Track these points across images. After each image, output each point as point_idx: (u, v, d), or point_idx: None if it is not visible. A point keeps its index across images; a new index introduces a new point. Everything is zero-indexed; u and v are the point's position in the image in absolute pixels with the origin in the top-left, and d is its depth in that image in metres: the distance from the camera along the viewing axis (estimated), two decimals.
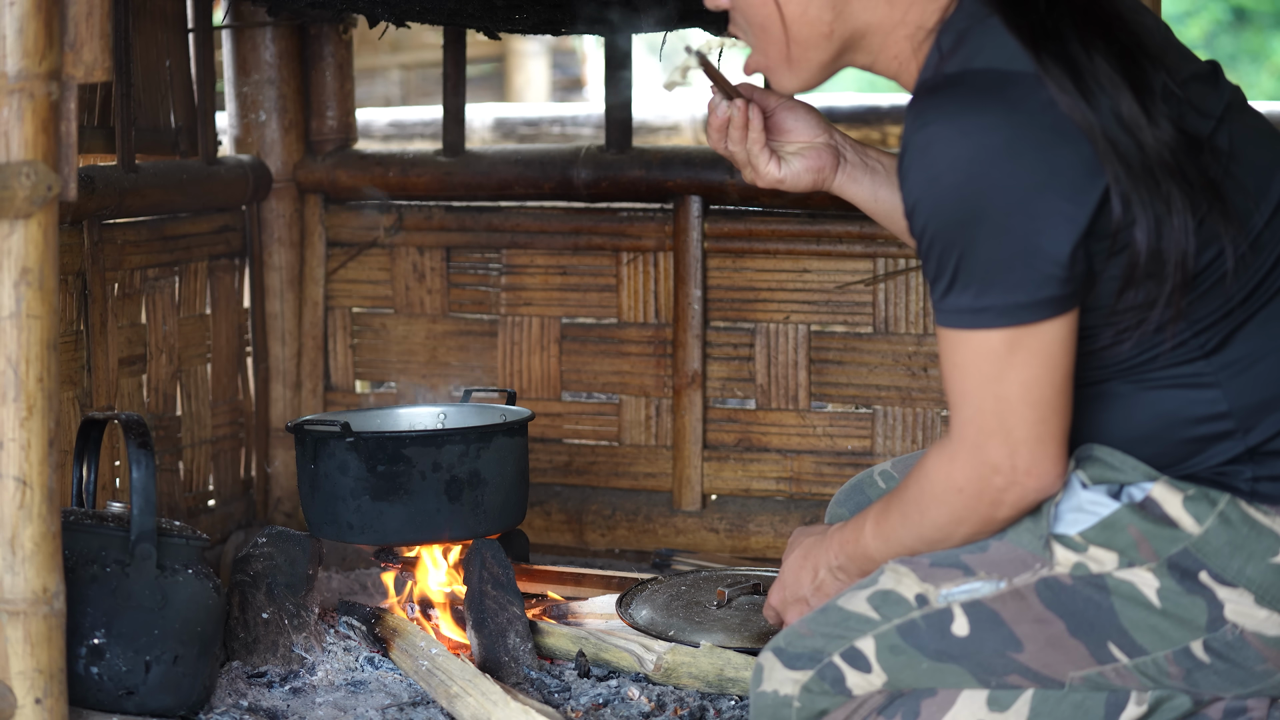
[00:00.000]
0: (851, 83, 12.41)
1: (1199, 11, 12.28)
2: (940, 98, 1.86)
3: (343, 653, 2.68)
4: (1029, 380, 1.87)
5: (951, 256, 1.85)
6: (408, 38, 7.56)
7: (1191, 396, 1.92)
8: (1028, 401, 1.87)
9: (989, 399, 1.88)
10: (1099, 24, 1.88)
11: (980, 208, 1.82)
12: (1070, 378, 1.89)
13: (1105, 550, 1.91)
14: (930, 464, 1.97)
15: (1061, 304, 1.85)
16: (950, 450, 1.93)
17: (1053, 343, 1.86)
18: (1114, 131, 1.83)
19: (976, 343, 1.87)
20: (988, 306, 1.85)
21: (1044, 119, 1.82)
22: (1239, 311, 1.91)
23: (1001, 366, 1.86)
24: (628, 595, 2.80)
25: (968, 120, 1.83)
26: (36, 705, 2.04)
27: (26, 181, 1.97)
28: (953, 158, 1.82)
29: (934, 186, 1.84)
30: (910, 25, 1.98)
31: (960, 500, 1.94)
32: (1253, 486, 1.91)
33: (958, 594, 1.95)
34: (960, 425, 1.92)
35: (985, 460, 1.90)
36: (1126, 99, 1.84)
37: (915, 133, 1.85)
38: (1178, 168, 1.84)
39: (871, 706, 1.97)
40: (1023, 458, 1.89)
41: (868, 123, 5.14)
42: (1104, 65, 1.85)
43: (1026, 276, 1.83)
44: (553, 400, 3.44)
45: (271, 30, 3.46)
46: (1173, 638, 1.91)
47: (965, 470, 1.92)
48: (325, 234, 3.52)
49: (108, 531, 2.40)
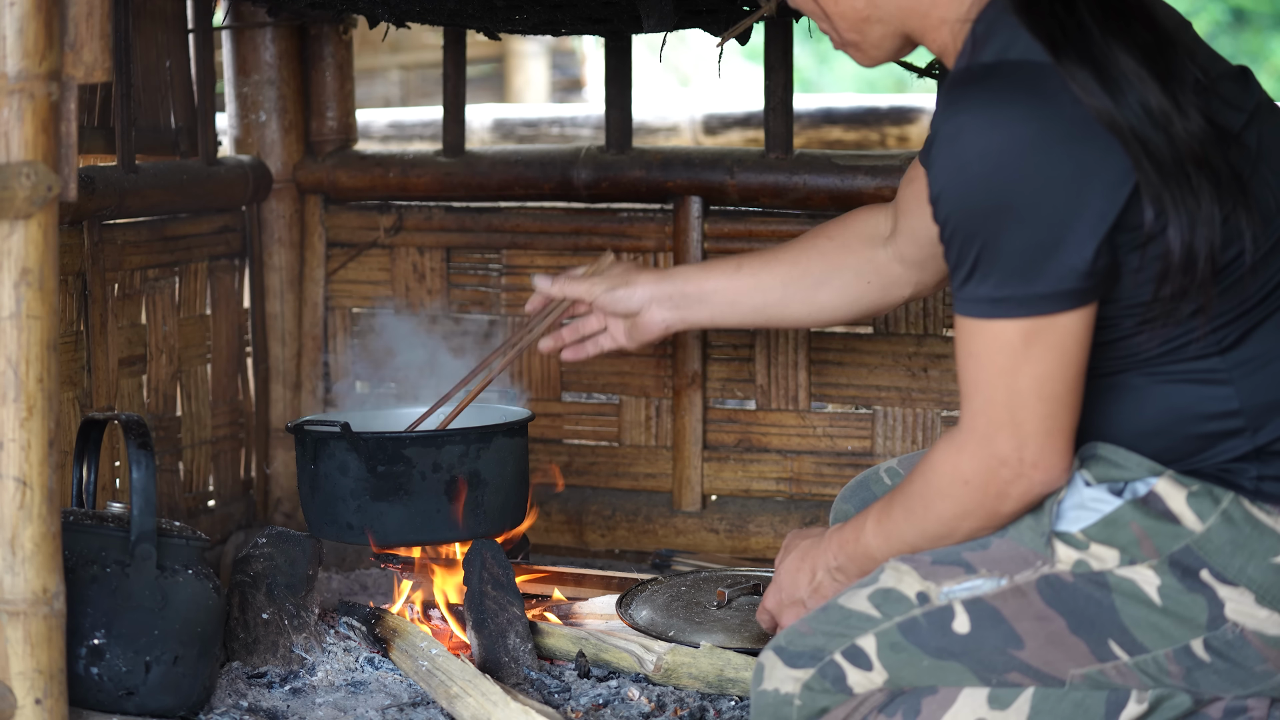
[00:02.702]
0: (851, 83, 12.42)
1: (1198, 12, 12.28)
2: (972, 88, 1.87)
3: (343, 653, 2.68)
4: (1043, 374, 1.87)
5: (974, 246, 1.85)
6: (407, 38, 7.56)
7: (1204, 392, 1.92)
8: (1040, 395, 1.88)
9: (1001, 390, 1.89)
10: (1122, 17, 1.88)
11: (1006, 198, 1.83)
12: (1083, 374, 1.89)
13: (1107, 548, 1.91)
14: (937, 456, 1.97)
15: (1081, 297, 1.85)
16: (959, 441, 1.94)
17: (1069, 337, 1.86)
18: (1143, 128, 1.83)
19: (993, 333, 1.87)
20: (1007, 297, 1.85)
21: (1075, 113, 1.83)
22: (1256, 311, 1.92)
23: (1016, 359, 1.87)
24: (628, 595, 2.80)
25: (998, 111, 1.83)
26: (36, 706, 2.05)
27: (26, 182, 1.97)
28: (981, 148, 1.83)
29: (961, 175, 1.84)
30: (944, 13, 1.98)
31: (966, 492, 1.94)
32: (1257, 485, 1.91)
33: (959, 591, 1.95)
34: (970, 416, 1.92)
35: (994, 452, 1.91)
36: (1154, 91, 1.84)
37: (945, 122, 1.86)
38: (1207, 160, 1.84)
39: (872, 704, 1.97)
40: (1031, 451, 1.90)
41: (866, 124, 5.12)
42: (1127, 60, 1.85)
43: (1048, 268, 1.84)
44: (553, 400, 3.44)
45: (271, 31, 3.46)
46: (1173, 636, 1.91)
47: (973, 462, 1.93)
48: (325, 234, 3.52)
49: (108, 532, 2.40)
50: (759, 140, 3.79)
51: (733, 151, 3.32)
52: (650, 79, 10.98)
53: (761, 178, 3.25)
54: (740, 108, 5.49)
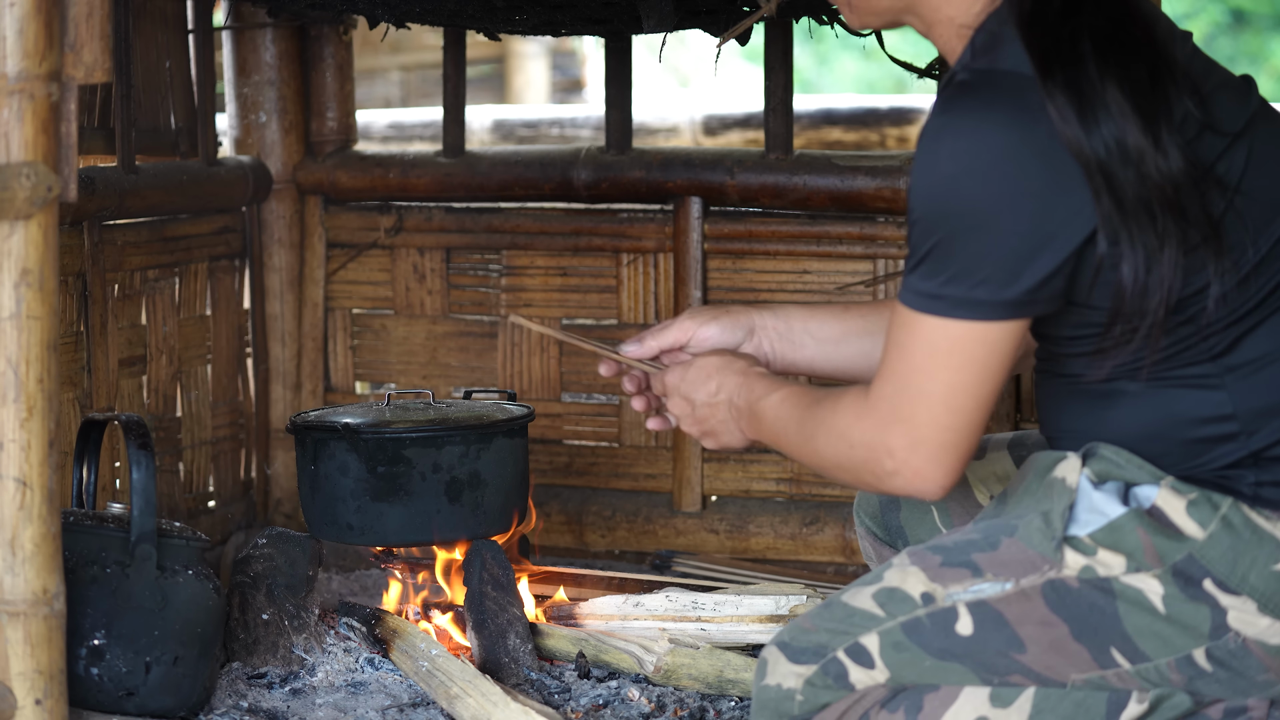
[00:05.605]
0: (851, 84, 12.43)
1: (1198, 13, 12.28)
2: (960, 91, 1.88)
3: (343, 654, 2.68)
4: (957, 384, 1.88)
5: (929, 240, 1.87)
6: (408, 39, 7.56)
7: (1198, 397, 1.92)
8: (947, 405, 1.89)
9: (913, 388, 1.90)
10: (1122, 48, 1.88)
11: (969, 201, 1.84)
12: (996, 395, 1.90)
13: (1114, 554, 1.90)
14: (843, 404, 1.98)
15: (1017, 310, 1.86)
16: (863, 408, 1.95)
17: (993, 353, 1.87)
18: (1111, 163, 1.83)
19: (924, 328, 1.88)
20: (947, 296, 1.86)
21: (1051, 132, 1.84)
22: (1249, 317, 1.92)
23: (936, 361, 1.88)
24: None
25: (978, 117, 1.85)
26: (36, 706, 2.05)
27: (26, 182, 1.97)
28: (955, 149, 1.84)
29: (931, 173, 1.86)
30: (952, 11, 1.98)
31: (849, 453, 1.97)
32: (1255, 491, 1.91)
33: (964, 595, 1.96)
34: (878, 396, 1.93)
35: (885, 440, 1.92)
36: (1134, 128, 1.84)
37: (930, 121, 1.89)
38: (1177, 202, 1.85)
39: (874, 699, 1.97)
40: (919, 457, 1.91)
41: (866, 124, 5.12)
42: (1115, 93, 1.85)
43: (994, 277, 1.85)
44: (553, 401, 3.44)
45: (272, 31, 3.46)
46: (1175, 644, 1.91)
47: (865, 436, 1.94)
48: (325, 235, 3.52)
49: (108, 532, 2.40)
50: (759, 141, 3.79)
51: (733, 152, 3.32)
52: (650, 79, 10.98)
53: (761, 178, 3.25)
54: (740, 108, 5.49)
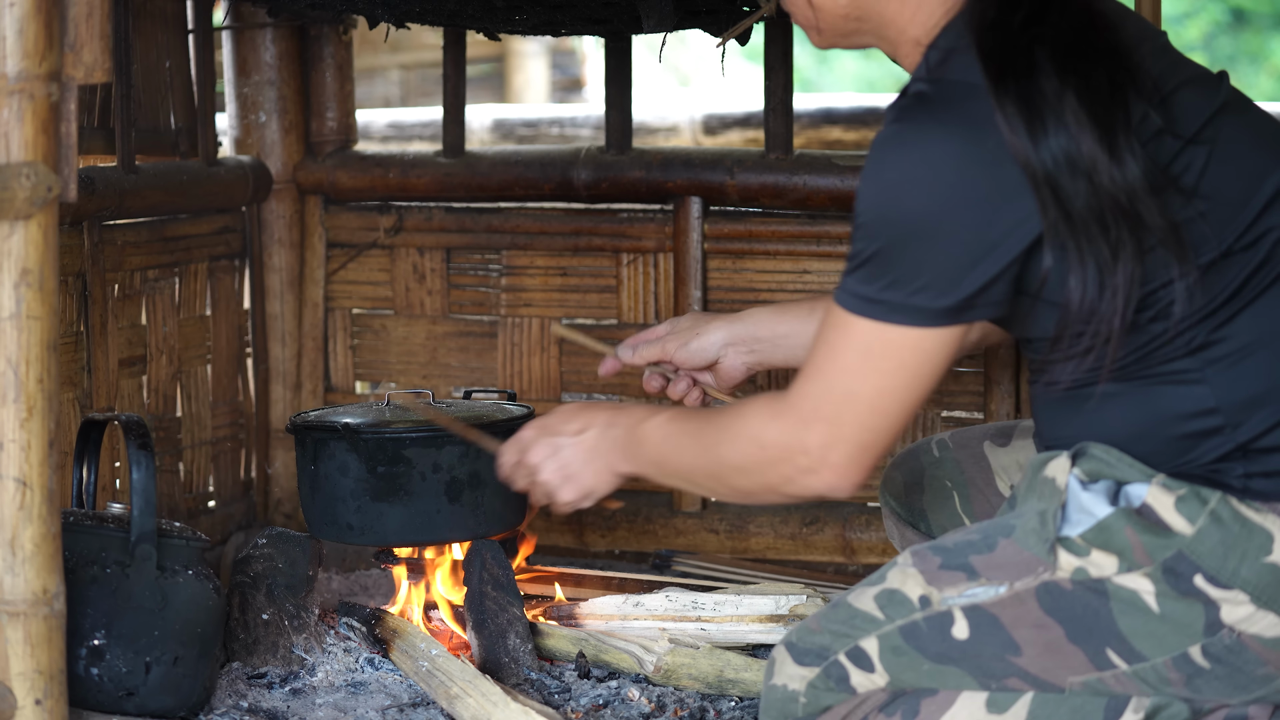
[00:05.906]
0: (850, 83, 12.43)
1: (1197, 13, 12.28)
2: (913, 102, 1.90)
3: (343, 654, 2.68)
4: (885, 388, 1.90)
5: (872, 245, 1.88)
6: (407, 39, 7.56)
7: (1180, 393, 1.92)
8: (873, 408, 1.90)
9: (840, 388, 1.91)
10: (1082, 57, 1.87)
11: (912, 210, 1.85)
12: (921, 402, 1.92)
13: (1105, 554, 1.90)
14: (751, 410, 1.99)
15: (952, 317, 1.87)
16: (777, 409, 1.96)
17: (925, 361, 1.88)
18: (1059, 174, 1.83)
19: (858, 330, 1.89)
20: (884, 300, 1.87)
21: (999, 142, 1.84)
22: (1225, 308, 1.91)
23: (866, 364, 1.89)
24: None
25: (927, 127, 1.86)
26: (36, 706, 2.05)
27: (26, 182, 1.97)
28: (900, 158, 1.86)
29: (877, 180, 1.88)
30: (915, 31, 1.99)
31: (758, 456, 1.98)
32: (1245, 484, 1.91)
33: (960, 599, 1.96)
34: (800, 395, 1.94)
35: (803, 438, 1.93)
36: (1088, 138, 1.84)
37: (882, 130, 1.90)
38: (1133, 210, 1.84)
39: (874, 704, 1.98)
40: (838, 455, 1.93)
41: (866, 124, 5.12)
42: (1073, 102, 1.84)
43: (934, 284, 1.86)
44: (553, 401, 3.44)
45: (271, 31, 3.46)
46: (1171, 643, 1.91)
47: (779, 435, 1.95)
48: (325, 235, 3.52)
49: (108, 532, 2.40)
50: (759, 140, 3.79)
51: (733, 152, 3.32)
52: (650, 79, 10.99)
53: (761, 178, 3.25)
54: (740, 108, 5.49)
